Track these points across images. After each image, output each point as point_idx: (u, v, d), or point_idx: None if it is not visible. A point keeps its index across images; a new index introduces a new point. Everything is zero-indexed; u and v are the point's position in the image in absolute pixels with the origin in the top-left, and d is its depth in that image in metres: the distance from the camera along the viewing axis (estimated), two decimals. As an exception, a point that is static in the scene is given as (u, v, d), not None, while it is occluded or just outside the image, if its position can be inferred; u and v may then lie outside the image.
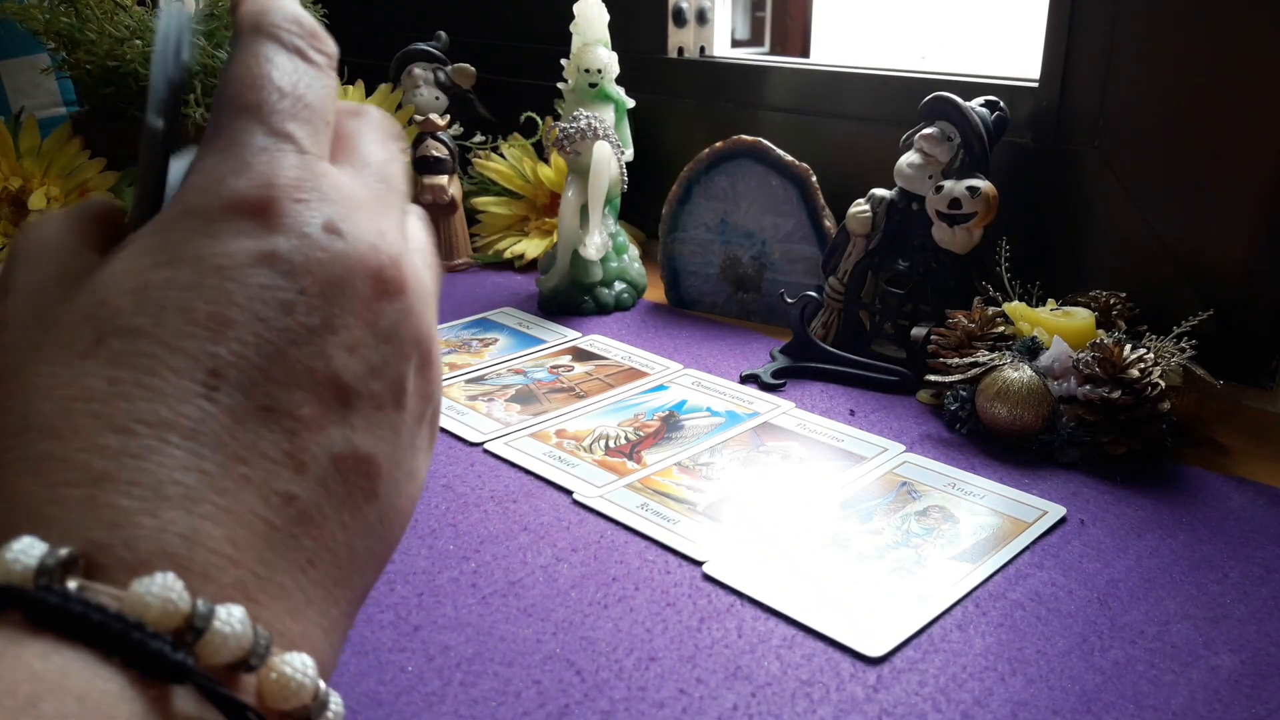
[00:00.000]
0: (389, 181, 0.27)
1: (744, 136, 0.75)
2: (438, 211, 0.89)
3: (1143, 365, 0.54)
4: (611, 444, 0.57)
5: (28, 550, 0.19)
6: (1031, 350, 0.57)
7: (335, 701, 0.22)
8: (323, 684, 0.22)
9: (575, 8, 0.77)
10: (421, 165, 0.89)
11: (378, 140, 0.27)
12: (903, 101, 0.73)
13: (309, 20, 0.26)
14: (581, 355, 0.70)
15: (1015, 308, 0.61)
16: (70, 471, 0.20)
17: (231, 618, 0.20)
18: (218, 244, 0.22)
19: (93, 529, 0.20)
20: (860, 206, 0.68)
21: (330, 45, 0.27)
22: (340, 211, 0.24)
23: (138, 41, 0.85)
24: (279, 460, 0.22)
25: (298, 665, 0.21)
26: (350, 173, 0.26)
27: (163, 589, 0.19)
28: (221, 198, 0.23)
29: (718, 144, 0.76)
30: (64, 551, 0.19)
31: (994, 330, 0.60)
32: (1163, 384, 0.54)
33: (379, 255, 0.24)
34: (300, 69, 0.25)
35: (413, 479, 0.26)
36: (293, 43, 0.26)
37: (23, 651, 0.18)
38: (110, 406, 0.21)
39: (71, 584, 0.19)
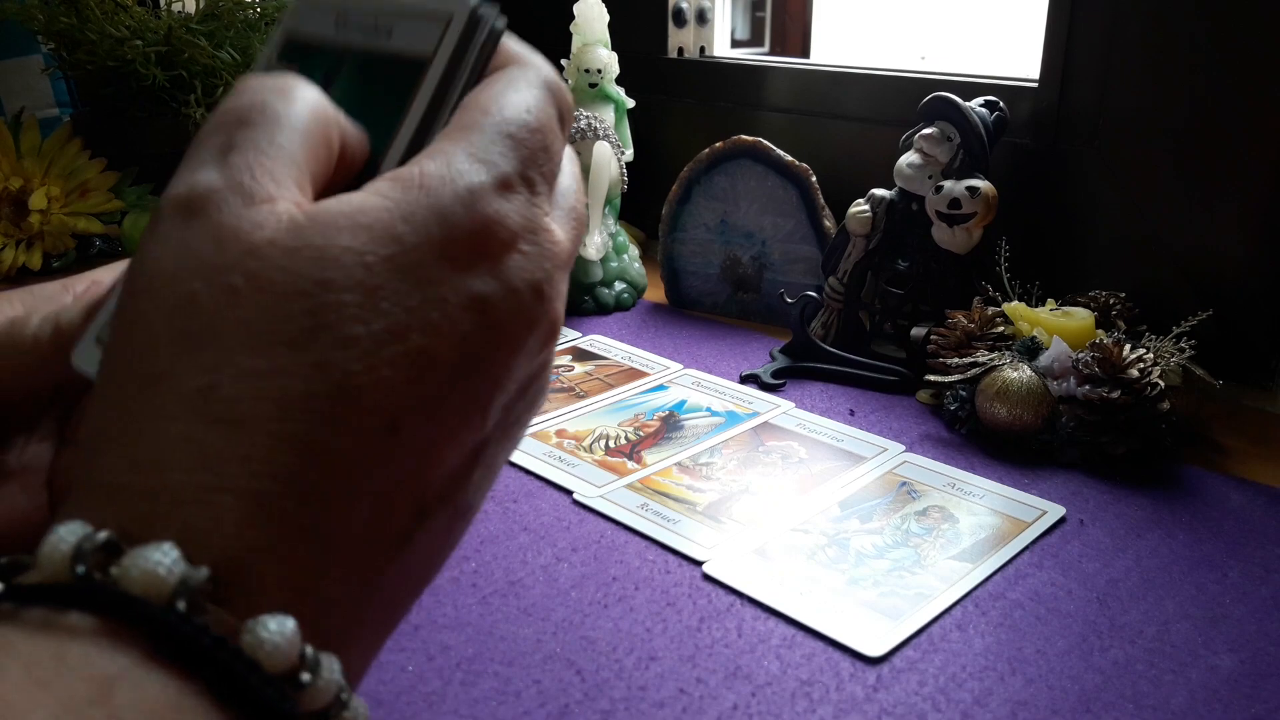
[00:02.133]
0: (576, 216, 0.26)
1: (744, 136, 0.75)
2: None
3: (1142, 365, 0.54)
4: (612, 444, 0.57)
5: (171, 567, 0.18)
6: (1031, 350, 0.57)
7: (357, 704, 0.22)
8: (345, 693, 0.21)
9: (575, 8, 0.77)
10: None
11: (569, 161, 0.26)
12: (903, 101, 0.74)
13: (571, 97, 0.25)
14: (581, 355, 0.70)
15: (1015, 308, 0.61)
16: (234, 478, 0.19)
17: (333, 671, 0.19)
18: (447, 273, 0.21)
19: (236, 548, 0.19)
20: (860, 206, 0.68)
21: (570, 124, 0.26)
22: (548, 275, 0.23)
23: (138, 42, 0.85)
24: (410, 507, 0.21)
25: (360, 713, 0.20)
26: (559, 220, 0.24)
27: (284, 635, 0.18)
28: (470, 216, 0.21)
29: (718, 144, 0.76)
30: (204, 573, 0.18)
31: (994, 330, 0.60)
32: (1162, 384, 0.54)
33: (556, 319, 0.24)
34: (558, 132, 0.24)
35: (480, 506, 0.26)
36: (564, 105, 0.25)
37: (146, 682, 0.17)
38: (296, 420, 0.19)
39: (204, 618, 0.18)
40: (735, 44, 0.99)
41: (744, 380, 0.66)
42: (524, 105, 0.23)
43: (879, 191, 0.68)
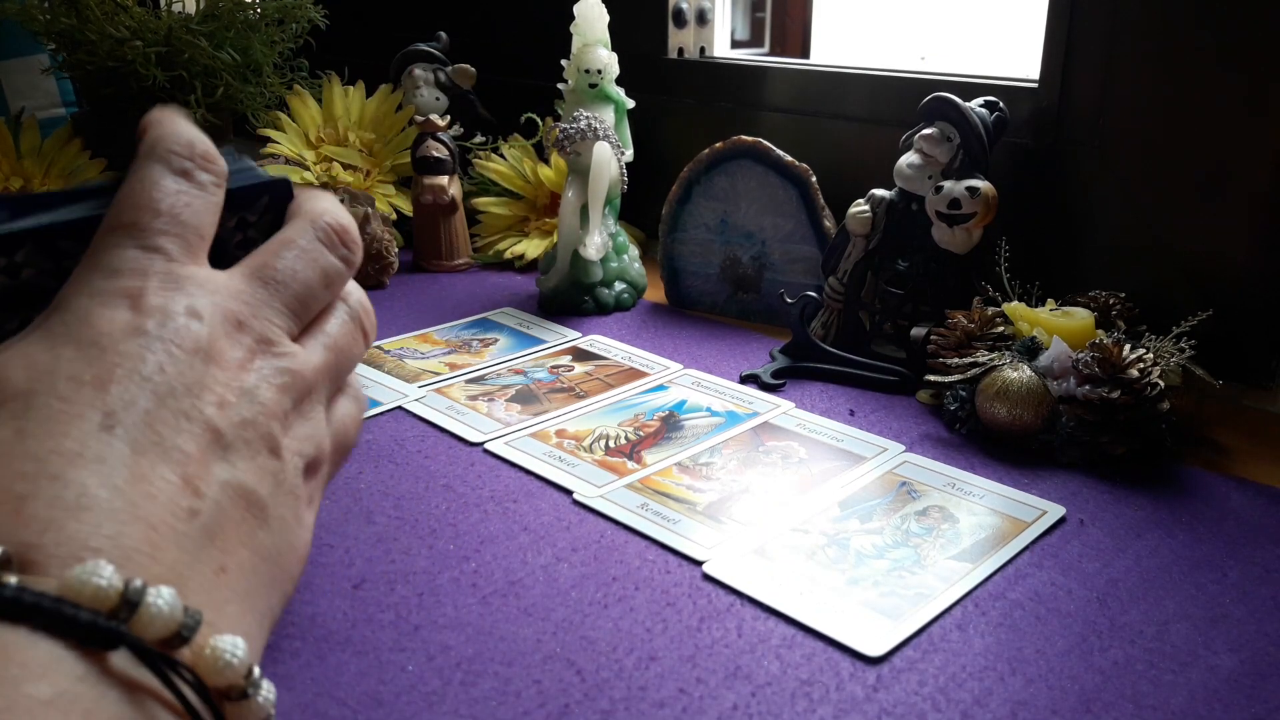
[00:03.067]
0: (288, 281, 0.32)
1: (744, 137, 0.75)
2: (438, 212, 0.89)
3: (1142, 365, 0.54)
4: (611, 444, 0.57)
5: None
6: (1031, 350, 0.57)
7: (268, 687, 0.25)
8: (256, 668, 0.24)
9: (575, 8, 0.77)
10: (422, 166, 0.89)
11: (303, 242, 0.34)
12: (903, 101, 0.74)
13: (201, 144, 0.31)
14: (581, 355, 0.70)
15: (1015, 308, 0.61)
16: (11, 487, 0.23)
17: (162, 594, 0.23)
18: (95, 328, 0.27)
19: (22, 533, 0.23)
20: (860, 206, 0.68)
21: (220, 166, 0.31)
22: (202, 301, 0.29)
23: (139, 42, 0.85)
24: (176, 484, 0.26)
25: (228, 644, 0.24)
26: (236, 270, 0.31)
27: (94, 571, 0.22)
28: (97, 296, 0.27)
29: (718, 144, 0.76)
30: None
31: (993, 330, 0.60)
32: (1162, 384, 0.54)
33: (238, 335, 0.30)
34: (182, 189, 0.30)
35: (300, 524, 0.31)
36: (180, 166, 0.30)
37: None
38: (20, 447, 0.24)
39: (11, 579, 0.21)
40: (735, 44, 0.99)
41: (744, 380, 0.66)
42: (125, 195, 0.30)
43: (879, 191, 0.68)
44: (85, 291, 0.28)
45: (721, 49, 0.95)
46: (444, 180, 0.89)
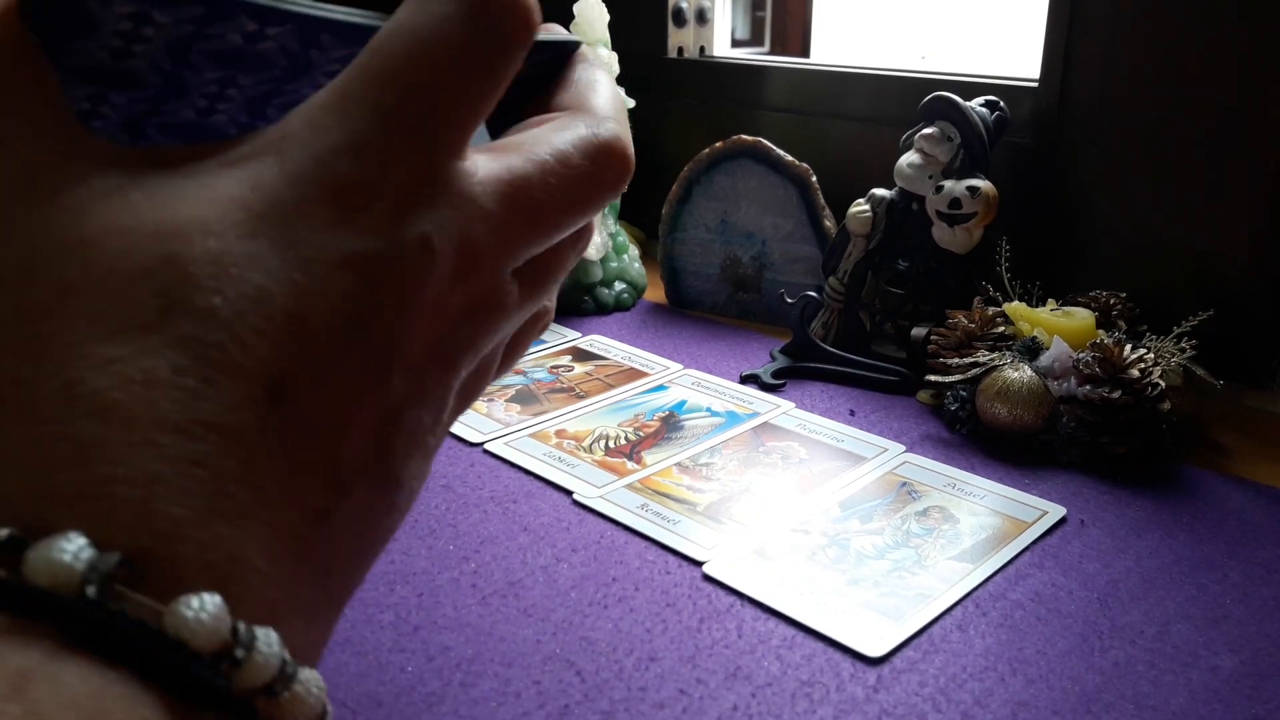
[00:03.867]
0: (517, 186, 0.23)
1: (744, 136, 0.75)
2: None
3: (1143, 365, 0.54)
4: (611, 444, 0.57)
5: (77, 554, 0.17)
6: (1031, 350, 0.57)
7: (330, 714, 0.22)
8: (328, 703, 0.21)
9: (575, 8, 0.77)
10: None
11: (570, 129, 0.24)
12: (903, 101, 0.73)
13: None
14: (581, 355, 0.70)
15: (1015, 308, 0.61)
16: (122, 466, 0.18)
17: (270, 642, 0.19)
18: (311, 232, 0.20)
19: (142, 535, 0.18)
20: (860, 206, 0.68)
21: (535, 19, 0.22)
22: (443, 226, 0.21)
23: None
24: (323, 478, 0.21)
25: (312, 686, 0.20)
26: (493, 177, 0.22)
27: (211, 611, 0.18)
28: (326, 175, 0.20)
29: (718, 144, 0.76)
30: (115, 558, 0.17)
31: (994, 330, 0.60)
32: (1163, 384, 0.54)
33: (462, 282, 0.22)
34: (485, 57, 0.21)
35: (419, 491, 0.25)
36: (490, 16, 0.21)
37: (62, 672, 0.17)
38: (173, 399, 0.18)
39: (124, 598, 0.17)
40: (735, 44, 0.99)
41: (744, 380, 0.66)
42: (407, 40, 0.21)
43: (879, 191, 0.68)
44: (316, 159, 0.20)
45: (721, 48, 0.95)
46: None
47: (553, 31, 0.26)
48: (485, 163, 0.22)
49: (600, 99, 0.26)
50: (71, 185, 0.19)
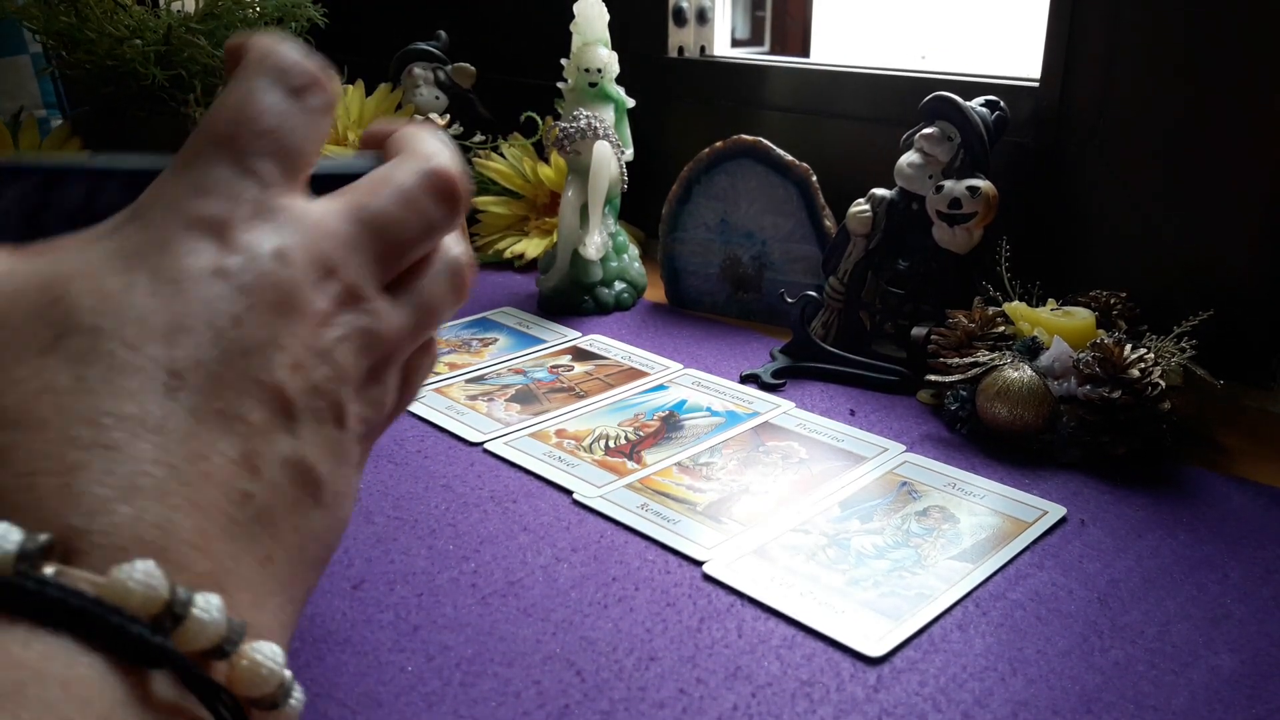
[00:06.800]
0: (384, 215, 0.28)
1: (744, 136, 0.75)
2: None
3: (1143, 365, 0.54)
4: (611, 444, 0.57)
5: (5, 536, 0.19)
6: (1032, 350, 0.57)
7: (298, 692, 0.23)
8: (288, 673, 0.23)
9: (575, 7, 0.77)
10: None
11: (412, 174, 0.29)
12: (903, 101, 0.73)
13: (315, 65, 0.28)
14: (581, 355, 0.70)
15: (1015, 308, 0.60)
16: (42, 460, 0.21)
17: (209, 605, 0.20)
18: (174, 258, 0.24)
19: (69, 516, 0.20)
20: (860, 206, 0.68)
21: (331, 92, 0.28)
22: (292, 240, 0.25)
23: (138, 41, 0.85)
24: (236, 460, 0.23)
25: (267, 654, 0.21)
26: (332, 205, 0.27)
27: (144, 575, 0.20)
28: (181, 216, 0.24)
29: (718, 144, 0.76)
30: (43, 537, 0.19)
31: (994, 330, 0.60)
32: (1163, 384, 0.54)
33: (326, 283, 0.26)
34: (290, 110, 0.27)
35: (350, 494, 0.28)
36: (291, 84, 0.27)
37: (4, 639, 0.18)
38: (77, 400, 0.21)
39: (49, 570, 0.19)
40: (735, 43, 0.99)
41: (744, 380, 0.66)
42: (228, 105, 0.27)
43: (879, 191, 0.68)
44: (169, 207, 0.24)
45: (721, 48, 0.95)
46: (444, 179, 0.88)
47: (355, 157, 0.31)
48: (325, 199, 0.28)
49: (427, 143, 0.31)
50: None
